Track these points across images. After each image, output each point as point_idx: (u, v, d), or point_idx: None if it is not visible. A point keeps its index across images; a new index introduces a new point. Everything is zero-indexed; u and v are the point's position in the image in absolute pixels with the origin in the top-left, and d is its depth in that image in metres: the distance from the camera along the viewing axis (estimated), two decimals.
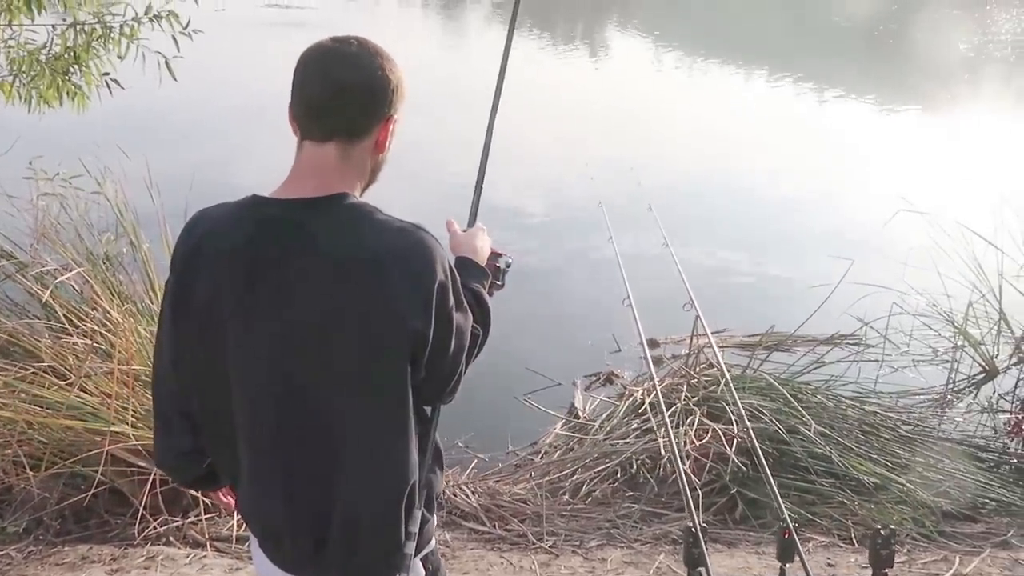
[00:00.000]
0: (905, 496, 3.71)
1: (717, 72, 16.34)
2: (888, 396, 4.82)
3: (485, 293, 1.69)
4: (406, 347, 1.44)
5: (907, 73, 15.03)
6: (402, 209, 1.50)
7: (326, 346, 1.44)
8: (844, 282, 5.14)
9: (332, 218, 1.44)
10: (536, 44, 18.74)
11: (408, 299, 1.42)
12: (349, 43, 1.45)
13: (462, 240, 1.78)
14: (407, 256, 1.42)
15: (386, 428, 1.47)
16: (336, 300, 1.42)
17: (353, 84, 1.43)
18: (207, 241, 1.48)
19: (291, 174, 1.49)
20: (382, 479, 1.48)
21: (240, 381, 1.49)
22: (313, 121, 1.45)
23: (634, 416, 4.35)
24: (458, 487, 3.70)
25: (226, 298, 1.46)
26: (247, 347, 1.47)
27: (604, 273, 3.99)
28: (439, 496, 1.67)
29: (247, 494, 1.57)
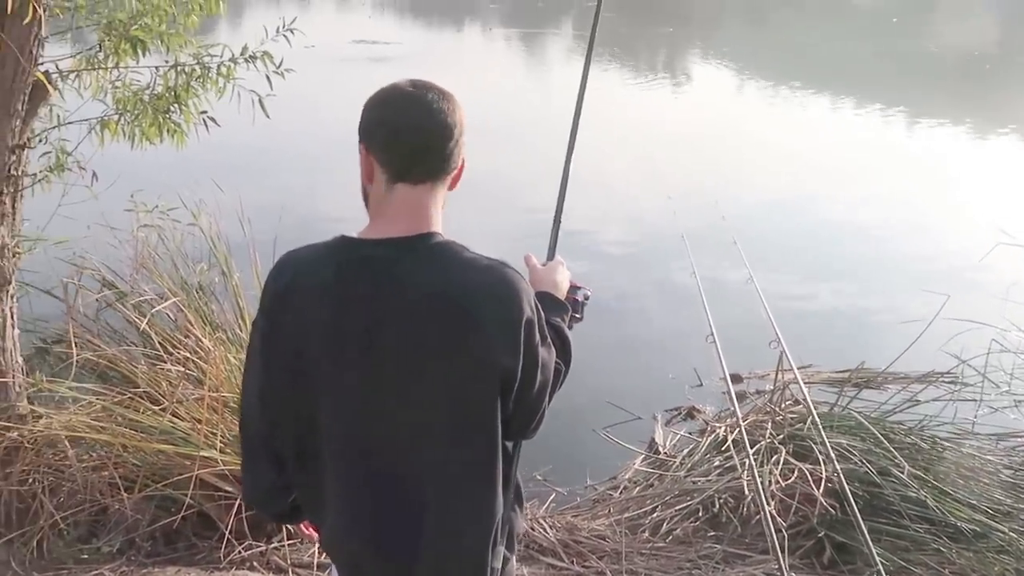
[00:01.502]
0: (1007, 545, 3.50)
1: (802, 100, 16.04)
2: (987, 438, 4.58)
3: (566, 328, 1.71)
4: (496, 384, 1.46)
5: (1005, 99, 14.47)
6: (483, 240, 1.52)
7: (417, 384, 1.46)
8: (939, 318, 4.92)
9: (422, 256, 1.48)
10: (618, 73, 18.76)
11: (498, 336, 1.45)
12: (428, 88, 1.51)
13: (542, 275, 1.79)
14: (496, 293, 1.45)
15: (476, 467, 1.49)
16: (427, 337, 1.45)
17: (444, 128, 1.50)
18: (298, 281, 1.52)
19: (380, 215, 1.53)
20: (472, 519, 1.50)
21: (330, 419, 1.52)
22: (411, 167, 1.50)
23: (716, 453, 4.25)
24: (536, 520, 3.67)
25: (316, 337, 1.49)
26: (337, 386, 1.50)
27: (686, 306, 3.94)
28: (519, 535, 1.66)
29: (333, 529, 1.59)
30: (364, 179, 1.54)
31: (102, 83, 3.93)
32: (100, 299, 4.60)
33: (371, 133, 1.51)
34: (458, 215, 1.62)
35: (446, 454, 1.48)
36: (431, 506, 1.49)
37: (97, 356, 3.85)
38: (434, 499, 1.49)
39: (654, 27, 25.03)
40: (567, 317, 1.75)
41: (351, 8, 26.81)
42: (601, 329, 5.77)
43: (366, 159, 1.52)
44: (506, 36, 25.61)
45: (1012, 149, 11.84)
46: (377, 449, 1.50)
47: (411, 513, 1.50)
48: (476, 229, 6.94)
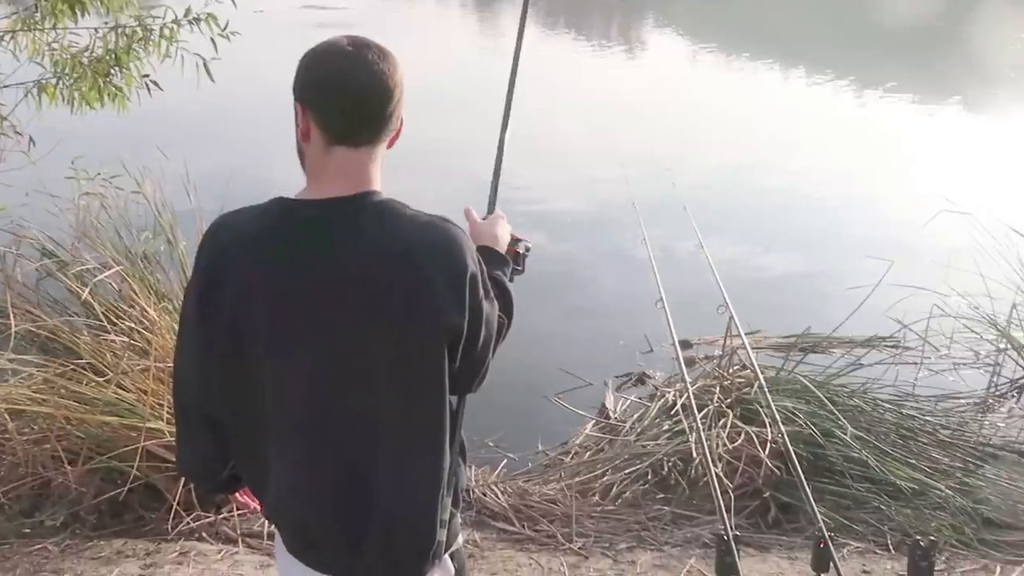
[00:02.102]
0: (944, 502, 3.63)
1: (754, 70, 16.16)
2: (927, 400, 4.72)
3: (508, 281, 1.71)
4: (443, 340, 1.46)
5: (951, 71, 14.73)
6: (433, 202, 1.51)
7: (363, 343, 1.45)
8: (883, 283, 5.04)
9: (364, 215, 1.46)
10: (571, 41, 18.69)
11: (444, 292, 1.44)
12: (367, 46, 1.47)
13: (483, 229, 1.78)
14: (440, 249, 1.45)
15: (425, 423, 1.49)
16: (372, 297, 1.43)
17: (384, 91, 1.46)
18: (236, 244, 1.49)
19: (318, 176, 1.50)
20: (421, 474, 1.50)
21: (274, 384, 1.50)
22: (351, 130, 1.47)
23: (666, 417, 4.32)
24: (488, 487, 3.70)
25: (257, 301, 1.47)
26: (281, 350, 1.48)
27: (637, 273, 3.97)
28: (464, 490, 1.68)
29: (278, 496, 1.57)
30: (300, 137, 1.50)
31: (39, 45, 3.80)
32: (40, 268, 4.49)
33: (308, 92, 1.47)
34: (409, 179, 1.60)
35: (394, 412, 1.48)
36: (380, 464, 1.48)
37: (37, 327, 3.76)
38: (383, 457, 1.48)
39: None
40: (508, 271, 1.75)
41: None
42: (553, 296, 5.80)
43: (302, 118, 1.48)
44: (461, 2, 25.32)
45: (957, 119, 12.09)
46: (324, 411, 1.49)
47: (360, 473, 1.49)
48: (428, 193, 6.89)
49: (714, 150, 9.85)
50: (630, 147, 8.84)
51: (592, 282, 6.42)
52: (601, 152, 8.99)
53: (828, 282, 6.35)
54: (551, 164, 9.04)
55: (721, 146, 10.04)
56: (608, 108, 11.49)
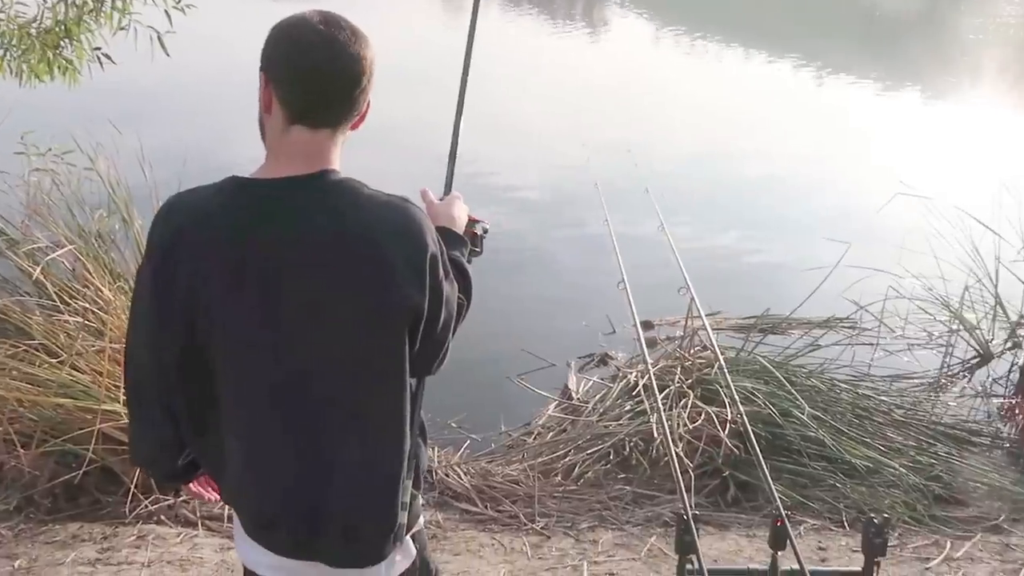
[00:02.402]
0: (897, 480, 3.71)
1: (716, 51, 16.25)
2: (882, 380, 4.82)
3: (465, 262, 1.70)
4: (404, 321, 1.45)
5: (908, 55, 14.95)
6: (394, 181, 1.49)
7: (324, 324, 1.43)
8: (840, 265, 5.13)
9: (322, 195, 1.44)
10: (534, 21, 18.60)
11: (404, 272, 1.43)
12: (339, 25, 1.43)
13: (440, 210, 1.77)
14: (400, 229, 1.43)
15: (386, 405, 1.48)
16: (331, 278, 1.41)
17: (352, 75, 1.43)
18: (190, 225, 1.45)
19: (276, 154, 1.46)
20: (383, 456, 1.49)
21: (233, 366, 1.47)
22: (313, 111, 1.43)
23: (627, 398, 4.35)
24: (451, 468, 3.70)
25: (214, 283, 1.43)
26: (240, 332, 1.45)
27: (600, 254, 3.98)
28: (425, 472, 1.67)
29: (238, 480, 1.55)
30: (262, 108, 1.47)
31: None
32: None
33: (274, 66, 1.43)
34: (369, 158, 1.57)
35: (355, 394, 1.46)
36: (341, 446, 1.47)
37: None
38: (344, 438, 1.47)
39: None
40: (466, 251, 1.74)
41: None
42: (516, 277, 5.79)
43: (266, 90, 1.45)
44: None
45: (916, 105, 12.28)
46: (283, 392, 1.47)
47: (321, 455, 1.47)
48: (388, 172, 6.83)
49: (676, 132, 9.90)
50: (593, 128, 8.84)
51: (555, 263, 6.42)
52: (564, 133, 8.98)
53: (787, 264, 6.43)
54: (514, 144, 9.01)
55: (683, 128, 10.09)
56: (571, 88, 11.47)
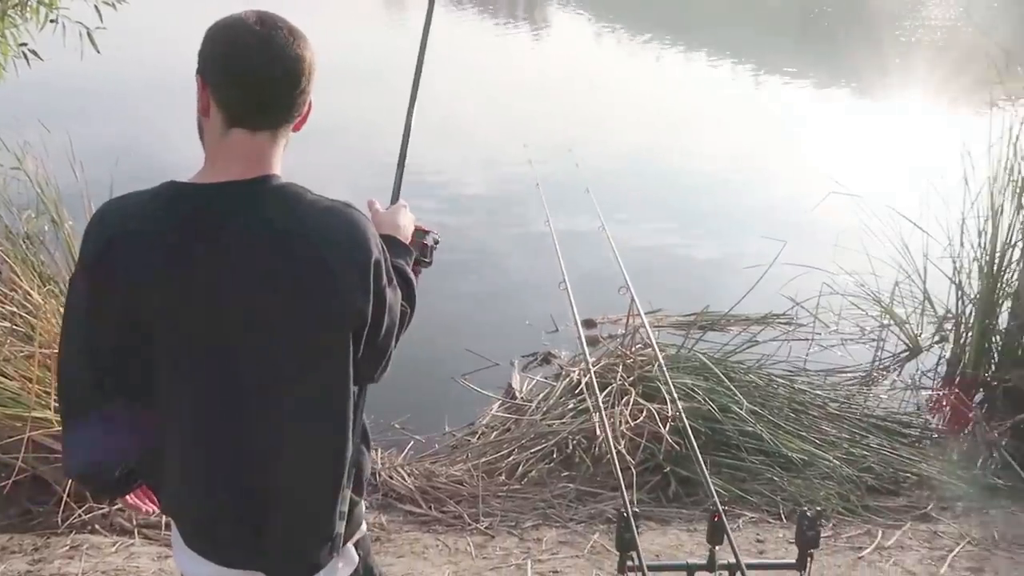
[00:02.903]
0: (832, 472, 3.81)
1: (657, 52, 16.45)
2: (817, 374, 4.95)
3: (410, 271, 1.69)
4: (348, 327, 1.43)
5: (841, 56, 15.34)
6: (340, 184, 1.47)
7: (267, 332, 1.41)
8: (777, 263, 5.24)
9: (263, 200, 1.41)
10: (477, 20, 18.59)
11: (348, 278, 1.42)
12: (276, 26, 1.40)
13: (384, 218, 1.75)
14: (343, 234, 1.42)
15: (329, 410, 1.47)
16: (274, 283, 1.39)
17: (291, 76, 1.41)
18: (126, 232, 1.41)
19: (215, 158, 1.44)
20: (324, 463, 1.48)
21: (172, 376, 1.45)
22: (252, 114, 1.41)
23: (570, 396, 4.37)
24: (394, 469, 3.68)
25: (153, 293, 1.40)
26: (180, 342, 1.43)
27: (542, 253, 4.00)
28: (368, 477, 1.66)
29: (178, 491, 1.53)
30: (200, 111, 1.44)
31: None
32: None
33: (210, 69, 1.40)
34: (315, 160, 1.55)
35: (298, 402, 1.45)
36: (282, 453, 1.46)
37: None
38: (285, 446, 1.45)
39: None
40: (411, 260, 1.73)
41: None
42: (459, 277, 5.79)
43: (203, 93, 1.42)
44: None
45: (848, 103, 12.60)
46: (226, 402, 1.44)
47: (261, 463, 1.46)
48: (335, 174, 6.78)
49: (617, 132, 9.99)
50: (535, 128, 8.88)
51: (498, 263, 6.43)
52: (506, 132, 9.00)
53: (726, 261, 6.55)
54: (456, 144, 9.00)
55: (624, 128, 10.20)
56: (513, 88, 11.51)
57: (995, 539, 3.41)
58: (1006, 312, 4.79)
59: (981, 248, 4.75)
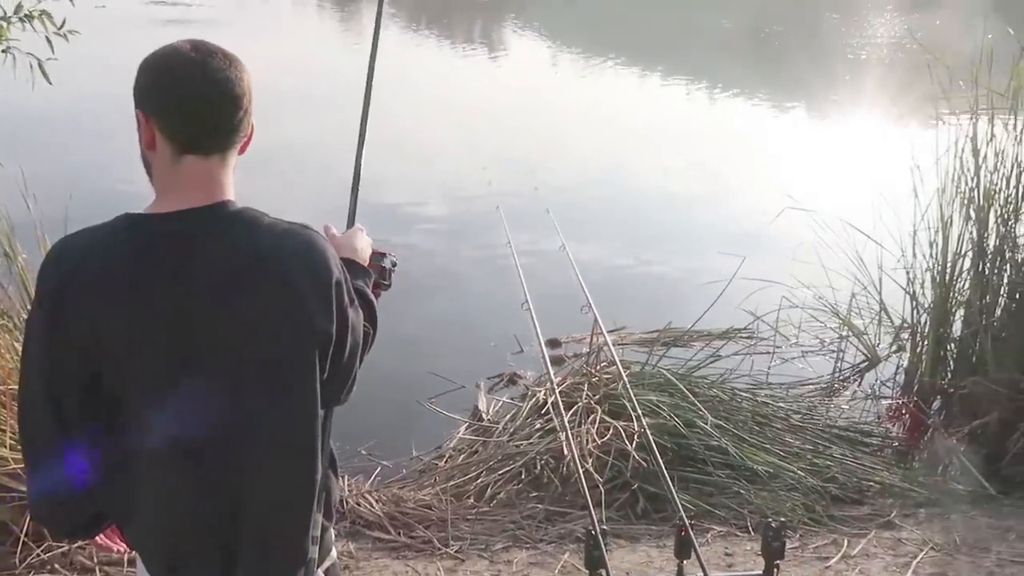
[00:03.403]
0: (797, 483, 3.85)
1: (613, 72, 16.64)
2: (779, 387, 5.01)
3: (370, 292, 1.71)
4: (314, 350, 1.43)
5: (792, 74, 15.63)
6: (298, 207, 1.48)
7: (234, 361, 1.41)
8: (736, 278, 5.32)
9: (222, 226, 1.42)
10: (434, 43, 18.68)
11: (312, 300, 1.42)
12: (211, 52, 1.43)
13: (342, 242, 1.77)
14: (304, 257, 1.43)
15: (297, 434, 1.45)
16: (239, 311, 1.39)
17: (232, 99, 1.43)
18: (84, 267, 1.40)
19: (169, 188, 1.43)
20: (294, 489, 1.46)
21: (142, 410, 1.43)
22: (199, 140, 1.42)
23: (537, 416, 4.38)
24: (362, 496, 3.65)
25: (116, 326, 1.39)
26: (145, 375, 1.41)
27: (505, 274, 4.02)
28: (336, 504, 1.65)
29: (147, 526, 1.51)
30: (144, 146, 1.44)
31: None
32: None
33: (151, 101, 1.41)
34: (271, 184, 1.55)
35: (268, 429, 1.43)
36: (252, 479, 1.44)
37: None
38: (255, 472, 1.44)
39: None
40: (370, 282, 1.74)
41: None
42: (422, 300, 5.78)
43: (147, 126, 1.42)
44: (318, 1, 24.82)
45: (800, 120, 12.86)
46: (194, 433, 1.42)
47: (232, 494, 1.44)
48: (291, 198, 6.74)
49: (575, 152, 10.07)
50: (494, 151, 8.93)
51: (461, 285, 6.43)
52: (465, 155, 9.03)
53: (686, 278, 6.61)
54: (417, 168, 9.01)
55: (582, 148, 10.28)
56: (471, 111, 11.56)
57: (957, 544, 3.48)
58: (960, 320, 4.90)
59: (933, 259, 4.86)
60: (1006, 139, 4.60)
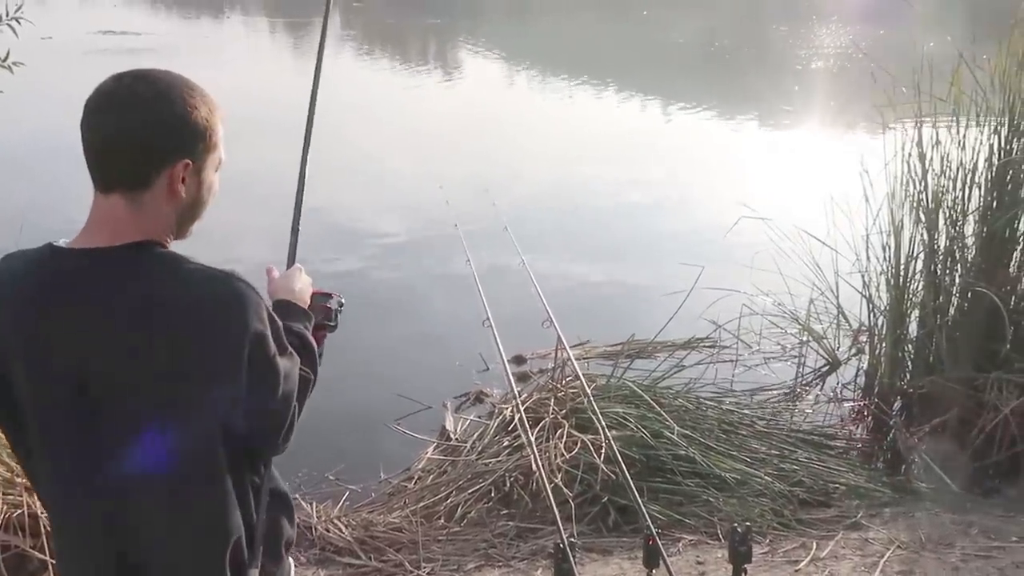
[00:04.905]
0: (764, 489, 3.88)
1: (567, 88, 16.80)
2: (744, 394, 5.06)
3: (308, 334, 1.61)
4: (210, 399, 1.36)
5: (743, 86, 15.91)
6: (249, 237, 1.46)
7: (127, 411, 1.34)
8: (696, 288, 5.37)
9: (127, 270, 1.35)
10: (388, 64, 18.70)
11: (212, 351, 1.35)
12: (129, 81, 1.36)
13: (279, 284, 1.71)
14: (212, 307, 1.34)
15: (198, 487, 1.40)
16: (132, 360, 1.33)
17: (125, 130, 1.34)
18: (3, 285, 1.38)
19: (86, 224, 1.40)
20: (200, 542, 1.41)
21: (43, 450, 1.40)
22: (94, 172, 1.37)
23: (505, 433, 4.37)
24: (330, 522, 3.60)
25: (20, 358, 1.36)
26: (45, 407, 1.37)
27: (467, 293, 4.02)
28: (289, 540, 1.60)
29: (65, 568, 1.47)
30: None
31: None
32: None
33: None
34: (226, 215, 1.53)
35: (165, 485, 1.37)
36: (155, 530, 1.39)
37: None
38: (157, 522, 1.39)
39: (421, 18, 25.19)
40: (310, 324, 1.65)
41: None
42: (385, 322, 5.75)
43: None
44: (271, 26, 24.73)
45: (752, 131, 13.06)
46: (94, 485, 1.37)
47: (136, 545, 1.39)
48: (248, 230, 6.67)
49: (531, 169, 10.13)
50: (450, 169, 8.92)
51: (423, 305, 6.41)
52: (421, 175, 9.01)
53: (647, 289, 6.66)
54: (370, 188, 8.99)
55: (538, 165, 10.34)
56: (426, 131, 11.57)
57: (922, 541, 3.53)
58: (915, 321, 5.00)
59: (886, 262, 4.96)
60: (950, 143, 4.72)
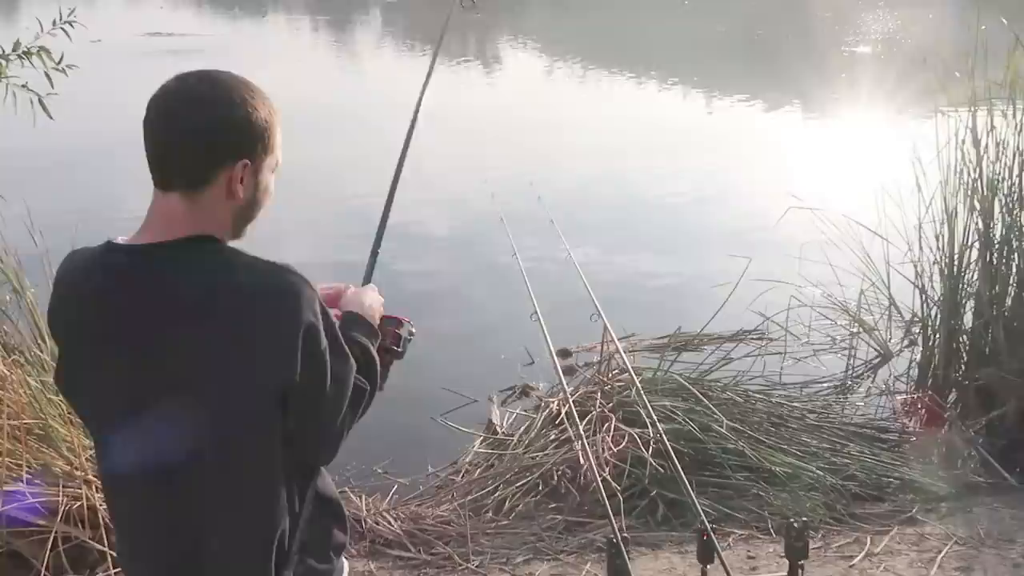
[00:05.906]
0: (816, 483, 3.82)
1: (609, 81, 16.70)
2: (793, 387, 4.99)
3: (373, 350, 1.60)
4: (270, 392, 1.37)
5: (788, 74, 15.65)
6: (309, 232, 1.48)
7: (186, 403, 1.35)
8: (744, 279, 5.30)
9: (186, 263, 1.37)
10: (429, 60, 18.78)
11: (270, 342, 1.36)
12: (193, 82, 1.39)
13: (350, 297, 1.72)
14: (268, 297, 1.35)
15: (254, 479, 1.41)
16: (192, 347, 1.35)
17: (187, 129, 1.36)
18: (62, 292, 1.42)
19: (145, 221, 1.42)
20: (249, 536, 1.42)
21: (104, 447, 1.43)
22: (154, 169, 1.39)
23: (551, 427, 4.37)
24: (380, 515, 3.63)
25: (82, 356, 1.40)
26: (106, 410, 1.40)
27: (513, 287, 4.01)
28: (341, 547, 1.59)
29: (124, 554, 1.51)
30: None
31: None
32: None
33: None
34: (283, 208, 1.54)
35: (223, 471, 1.38)
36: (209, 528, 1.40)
37: None
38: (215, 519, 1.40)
39: (462, 13, 25.19)
40: (375, 342, 1.64)
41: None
42: (431, 317, 5.77)
43: None
44: (313, 24, 24.99)
45: (798, 120, 12.87)
46: (151, 476, 1.38)
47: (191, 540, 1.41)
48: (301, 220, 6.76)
49: (576, 161, 10.09)
50: (494, 164, 8.94)
51: (469, 300, 6.43)
52: (465, 170, 9.04)
53: (694, 281, 6.61)
54: (416, 184, 8.99)
55: (582, 157, 10.30)
56: (469, 126, 11.59)
57: (981, 537, 3.45)
58: (970, 312, 4.88)
59: (940, 251, 4.84)
60: (1006, 129, 4.59)
